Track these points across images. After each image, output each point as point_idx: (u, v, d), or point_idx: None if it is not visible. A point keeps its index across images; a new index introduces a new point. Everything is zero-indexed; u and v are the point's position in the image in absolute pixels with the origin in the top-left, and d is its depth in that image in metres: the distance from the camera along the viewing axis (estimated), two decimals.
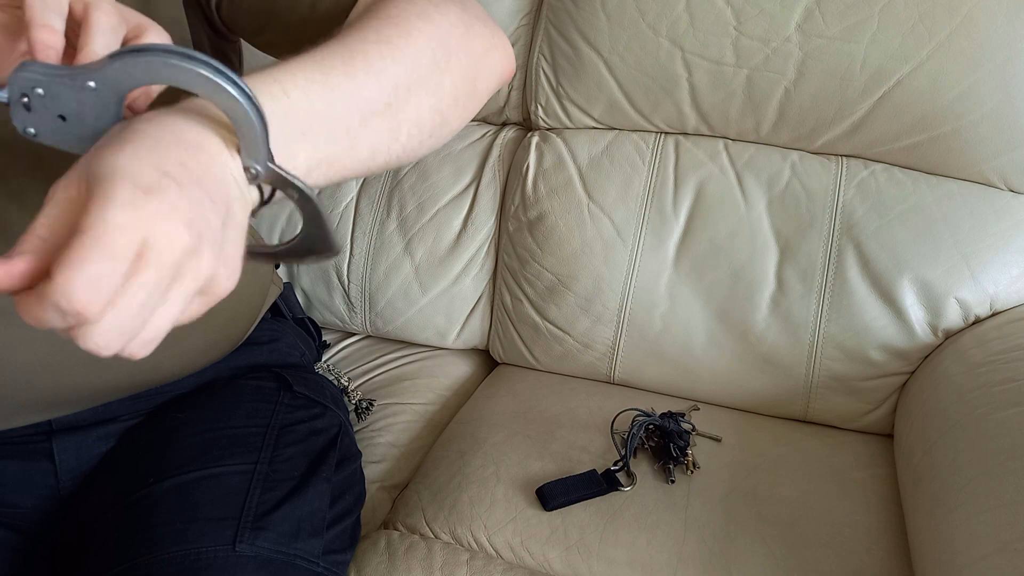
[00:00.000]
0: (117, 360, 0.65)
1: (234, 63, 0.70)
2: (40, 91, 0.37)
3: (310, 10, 0.58)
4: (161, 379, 0.70)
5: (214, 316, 0.70)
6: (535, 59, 1.02)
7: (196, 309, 0.38)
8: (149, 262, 0.33)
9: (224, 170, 0.38)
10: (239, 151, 0.39)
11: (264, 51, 0.63)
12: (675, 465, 0.82)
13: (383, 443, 0.92)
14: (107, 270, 0.32)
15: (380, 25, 0.51)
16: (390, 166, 0.53)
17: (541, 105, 1.03)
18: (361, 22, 0.51)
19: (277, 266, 0.90)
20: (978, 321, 0.88)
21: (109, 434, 0.69)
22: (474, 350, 1.11)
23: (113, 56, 0.38)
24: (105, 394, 0.67)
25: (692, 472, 0.82)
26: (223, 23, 0.63)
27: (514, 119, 1.10)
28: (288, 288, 0.93)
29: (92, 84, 0.38)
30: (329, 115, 0.45)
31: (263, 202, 0.42)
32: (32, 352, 0.60)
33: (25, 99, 0.37)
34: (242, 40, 0.68)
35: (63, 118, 0.38)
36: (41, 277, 0.32)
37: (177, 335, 0.67)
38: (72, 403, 0.65)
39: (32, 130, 0.38)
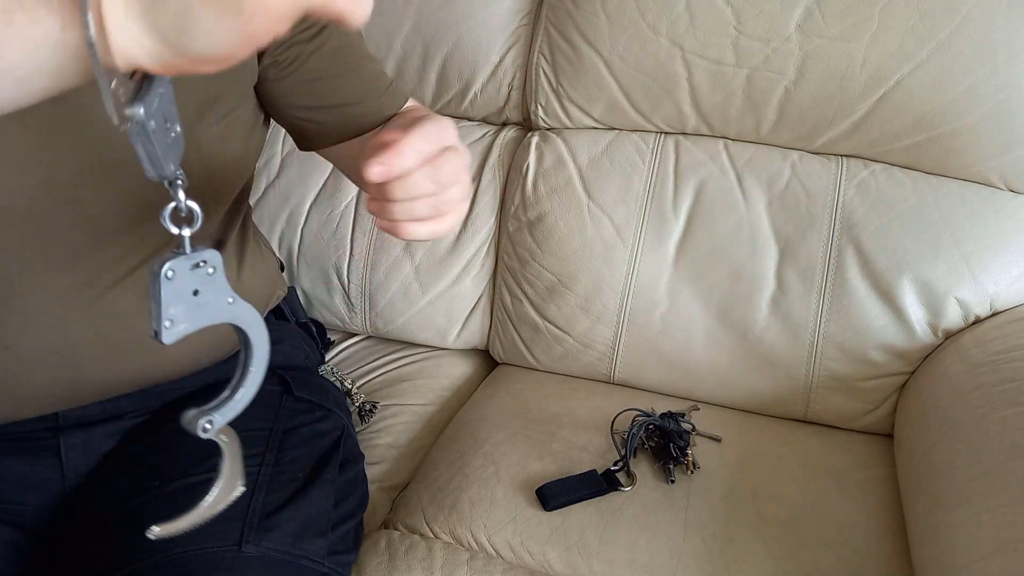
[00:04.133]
0: (126, 354, 0.66)
1: None
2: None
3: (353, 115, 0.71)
4: (168, 375, 0.70)
5: None
6: (535, 59, 1.02)
7: None
8: None
9: None
10: None
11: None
12: (675, 465, 0.82)
13: (383, 444, 0.92)
14: None
15: None
16: None
17: (541, 105, 1.03)
18: None
19: (282, 268, 0.91)
20: (978, 321, 0.88)
21: (116, 431, 0.70)
22: (474, 350, 1.11)
23: None
24: (113, 388, 0.67)
25: (692, 472, 0.82)
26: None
27: (514, 119, 1.10)
28: (292, 291, 0.93)
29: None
30: None
31: None
32: (44, 342, 0.60)
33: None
34: None
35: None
36: None
37: None
38: (81, 396, 0.66)
39: (153, 124, 0.37)
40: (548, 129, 1.05)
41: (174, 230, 0.39)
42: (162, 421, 0.71)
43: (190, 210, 0.40)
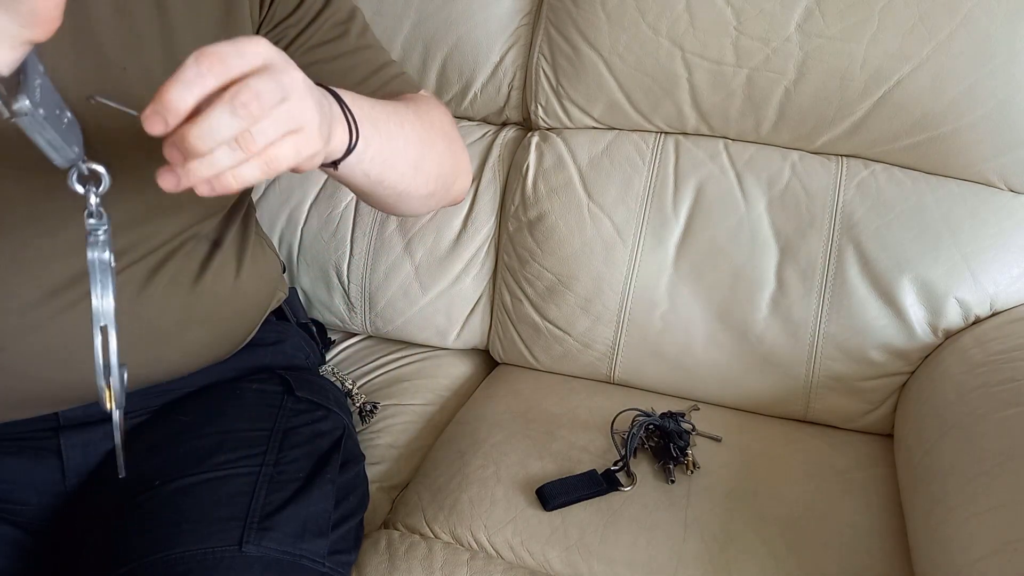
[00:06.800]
0: (124, 353, 0.66)
1: None
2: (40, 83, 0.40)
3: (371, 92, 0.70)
4: (167, 374, 0.70)
5: (219, 312, 0.71)
6: (535, 59, 1.02)
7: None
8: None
9: None
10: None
11: None
12: (675, 465, 0.82)
13: (382, 444, 0.92)
14: None
15: (415, 108, 0.69)
16: (396, 193, 0.67)
17: (541, 105, 1.03)
18: (401, 103, 0.68)
19: (284, 270, 0.91)
20: (978, 321, 0.88)
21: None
22: (474, 350, 1.11)
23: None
24: None
25: (692, 472, 0.82)
26: None
27: (514, 119, 1.10)
28: (292, 292, 0.93)
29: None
30: (385, 127, 0.60)
31: None
32: (40, 343, 0.60)
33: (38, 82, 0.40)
34: None
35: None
36: None
37: (182, 329, 0.68)
38: (79, 397, 0.65)
39: (42, 111, 0.39)
40: (548, 129, 1.05)
41: (79, 189, 0.44)
42: (162, 420, 0.71)
43: (97, 174, 0.44)
